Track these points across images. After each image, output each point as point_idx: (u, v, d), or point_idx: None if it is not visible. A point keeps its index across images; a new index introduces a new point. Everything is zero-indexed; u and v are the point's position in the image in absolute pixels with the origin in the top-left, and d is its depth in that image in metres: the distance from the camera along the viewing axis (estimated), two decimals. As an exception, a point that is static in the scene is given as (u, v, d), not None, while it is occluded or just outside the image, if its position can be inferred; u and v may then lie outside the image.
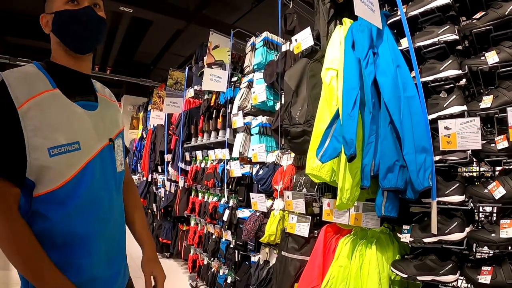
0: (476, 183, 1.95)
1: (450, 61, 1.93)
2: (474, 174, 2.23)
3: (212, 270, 4.15)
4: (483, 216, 2.17)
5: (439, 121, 1.87)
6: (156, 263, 1.54)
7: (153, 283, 1.49)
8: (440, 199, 1.85)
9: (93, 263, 1.20)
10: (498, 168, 2.05)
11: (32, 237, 1.07)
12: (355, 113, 1.89)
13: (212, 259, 4.14)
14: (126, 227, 1.48)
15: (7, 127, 1.05)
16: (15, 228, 1.05)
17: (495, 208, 1.99)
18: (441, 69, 1.95)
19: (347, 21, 2.35)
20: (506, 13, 1.77)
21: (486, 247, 1.81)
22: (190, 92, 5.34)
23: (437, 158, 1.90)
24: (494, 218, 2.06)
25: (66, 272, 1.12)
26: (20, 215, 1.08)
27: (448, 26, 1.94)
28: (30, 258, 1.05)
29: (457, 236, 1.77)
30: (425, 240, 1.86)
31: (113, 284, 1.32)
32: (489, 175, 2.13)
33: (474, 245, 1.90)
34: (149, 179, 6.84)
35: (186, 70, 5.71)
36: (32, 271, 1.06)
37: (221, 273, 3.92)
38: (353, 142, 1.82)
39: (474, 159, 1.93)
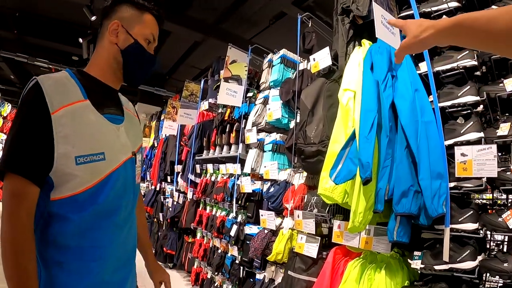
0: (490, 211, 1.92)
1: (468, 87, 1.92)
2: (486, 202, 2.19)
3: (215, 285, 4.10)
4: (494, 244, 2.12)
5: (455, 147, 1.85)
6: (161, 268, 1.69)
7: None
8: (453, 226, 1.82)
9: (103, 267, 1.22)
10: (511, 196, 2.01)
11: (29, 246, 1.08)
12: (372, 136, 1.87)
13: (216, 273, 4.09)
14: None
15: (38, 129, 1.09)
16: (17, 231, 1.06)
17: (506, 237, 1.96)
18: (459, 94, 1.94)
19: (366, 43, 2.35)
20: (526, 41, 1.76)
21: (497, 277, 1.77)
22: (204, 105, 5.36)
23: (452, 184, 1.87)
24: (506, 247, 2.02)
25: (77, 273, 1.16)
26: (32, 217, 1.10)
27: (468, 52, 1.94)
28: (19, 266, 1.06)
29: (469, 265, 1.74)
30: (436, 267, 1.82)
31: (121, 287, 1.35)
32: (501, 202, 2.08)
33: (485, 273, 1.85)
34: (158, 188, 6.84)
35: (202, 82, 5.75)
36: (15, 279, 1.06)
37: (224, 289, 3.88)
38: (369, 165, 1.80)
39: (488, 186, 1.89)
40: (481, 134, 1.84)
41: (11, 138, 1.11)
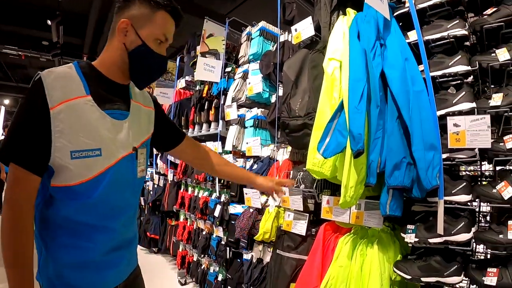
0: (484, 183, 1.91)
1: (459, 56, 1.88)
2: (472, 173, 2.18)
3: (202, 267, 4.05)
4: (482, 216, 2.12)
5: (448, 117, 1.82)
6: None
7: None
8: (447, 198, 1.79)
9: (94, 248, 1.29)
10: (498, 168, 1.98)
11: (24, 226, 1.17)
12: (363, 106, 1.79)
13: (202, 255, 4.03)
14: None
15: (37, 124, 1.14)
16: (13, 211, 1.16)
17: (492, 208, 2.00)
18: (450, 64, 1.90)
19: (351, 12, 2.26)
20: (518, 10, 1.74)
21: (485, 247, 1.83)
22: (181, 83, 5.18)
23: (444, 156, 1.84)
24: (488, 219, 2.08)
25: (68, 248, 1.25)
26: (31, 201, 1.20)
27: (458, 21, 1.90)
28: (13, 245, 1.15)
29: (464, 237, 1.73)
30: (431, 240, 1.81)
31: (116, 267, 1.41)
32: (488, 174, 2.07)
33: (474, 245, 1.86)
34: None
35: (178, 60, 5.53)
36: (10, 256, 1.15)
37: (211, 271, 3.82)
38: (361, 137, 1.72)
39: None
40: (474, 105, 1.81)
41: (12, 127, 1.16)
